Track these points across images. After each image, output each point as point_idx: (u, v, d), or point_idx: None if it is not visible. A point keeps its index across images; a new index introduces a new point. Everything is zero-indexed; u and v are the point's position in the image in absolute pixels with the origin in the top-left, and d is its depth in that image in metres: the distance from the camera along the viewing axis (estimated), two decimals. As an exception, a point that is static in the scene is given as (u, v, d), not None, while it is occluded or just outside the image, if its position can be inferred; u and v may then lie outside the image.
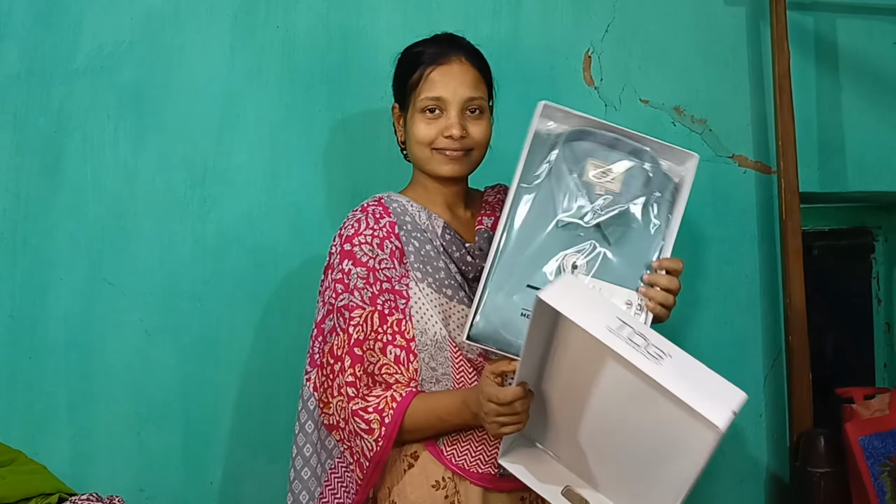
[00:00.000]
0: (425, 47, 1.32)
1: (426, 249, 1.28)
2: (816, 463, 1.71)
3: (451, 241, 1.30)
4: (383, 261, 1.25)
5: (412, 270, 1.26)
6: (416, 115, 1.29)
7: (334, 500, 1.25)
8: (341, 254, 1.26)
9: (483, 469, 1.23)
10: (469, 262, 1.30)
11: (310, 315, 1.63)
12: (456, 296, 1.26)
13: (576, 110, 1.23)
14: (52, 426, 1.61)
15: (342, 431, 1.22)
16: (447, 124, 1.28)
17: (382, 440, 1.18)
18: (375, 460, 1.20)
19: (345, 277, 1.24)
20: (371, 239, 1.26)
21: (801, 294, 1.77)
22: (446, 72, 1.29)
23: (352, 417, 1.20)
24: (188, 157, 1.66)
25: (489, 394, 1.11)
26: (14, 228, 1.61)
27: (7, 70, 1.61)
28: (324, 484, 1.26)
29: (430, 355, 1.23)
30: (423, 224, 1.30)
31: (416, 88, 1.29)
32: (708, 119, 1.83)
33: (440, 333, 1.23)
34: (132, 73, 1.65)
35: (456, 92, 1.28)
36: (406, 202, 1.32)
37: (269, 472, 1.67)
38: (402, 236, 1.28)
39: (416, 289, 1.25)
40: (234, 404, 1.66)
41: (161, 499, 1.63)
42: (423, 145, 1.30)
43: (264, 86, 1.69)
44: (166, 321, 1.64)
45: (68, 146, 1.63)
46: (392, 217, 1.29)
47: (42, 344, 1.61)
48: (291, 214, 1.69)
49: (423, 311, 1.24)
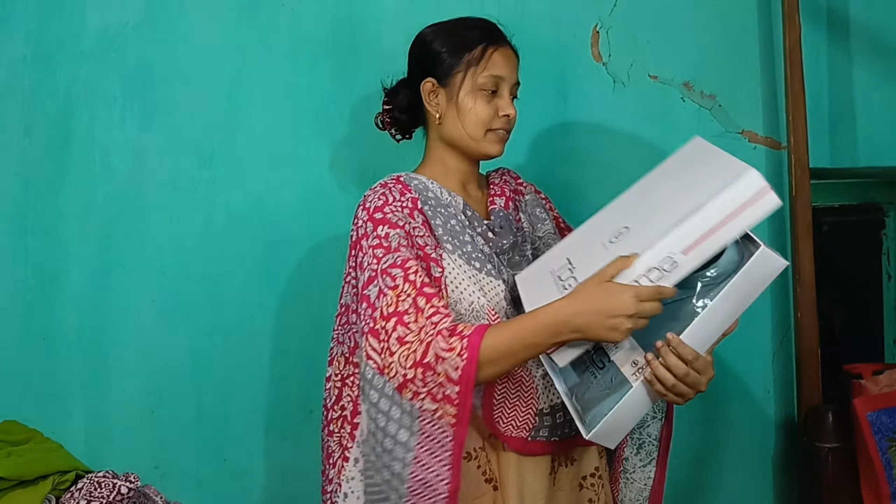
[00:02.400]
0: (475, 27, 1.32)
1: (451, 224, 1.28)
2: (824, 438, 1.71)
3: (473, 217, 1.32)
4: (416, 228, 1.25)
5: (442, 243, 1.26)
6: (476, 93, 1.29)
7: (433, 459, 1.14)
8: (374, 221, 1.24)
9: (516, 433, 1.24)
10: (491, 238, 1.31)
11: (319, 294, 1.66)
12: (484, 268, 1.26)
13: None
14: (67, 406, 1.64)
15: (414, 381, 1.12)
16: (502, 104, 1.31)
17: (467, 351, 1.09)
18: (465, 378, 1.09)
19: (383, 241, 1.22)
20: (401, 208, 1.26)
21: (811, 270, 1.77)
22: (505, 53, 1.32)
23: (429, 344, 1.11)
24: (196, 139, 1.66)
25: (643, 293, 1.07)
26: (25, 211, 1.62)
27: (14, 52, 1.61)
28: (415, 447, 1.14)
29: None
30: (446, 200, 1.31)
31: (476, 65, 1.29)
32: (717, 94, 1.81)
33: (477, 303, 1.22)
34: (138, 55, 1.65)
35: (511, 74, 1.32)
36: (426, 180, 1.33)
37: (280, 450, 1.69)
38: (426, 211, 1.28)
39: (448, 259, 1.25)
40: (246, 383, 1.68)
41: (175, 476, 1.65)
42: (482, 125, 1.30)
43: (271, 66, 1.68)
44: (178, 302, 1.66)
45: (76, 128, 1.63)
46: (414, 193, 1.29)
47: (55, 324, 1.63)
48: (299, 194, 1.69)
49: (458, 281, 1.24)
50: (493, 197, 1.38)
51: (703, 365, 1.12)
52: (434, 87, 1.32)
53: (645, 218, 1.16)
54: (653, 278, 1.09)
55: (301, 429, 1.68)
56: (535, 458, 1.27)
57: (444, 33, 1.33)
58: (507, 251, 1.31)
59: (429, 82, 1.33)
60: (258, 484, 1.69)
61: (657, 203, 1.18)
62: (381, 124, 1.43)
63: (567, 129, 1.76)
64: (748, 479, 1.82)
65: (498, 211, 1.35)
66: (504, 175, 1.44)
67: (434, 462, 1.13)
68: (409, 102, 1.37)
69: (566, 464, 1.31)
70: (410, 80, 1.37)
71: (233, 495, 1.68)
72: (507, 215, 1.36)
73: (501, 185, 1.41)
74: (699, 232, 1.08)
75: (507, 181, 1.43)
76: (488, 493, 1.25)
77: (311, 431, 1.67)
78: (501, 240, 1.31)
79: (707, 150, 1.22)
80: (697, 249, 1.08)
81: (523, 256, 1.34)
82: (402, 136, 1.44)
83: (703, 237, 1.08)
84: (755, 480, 1.83)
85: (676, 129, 1.78)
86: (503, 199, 1.37)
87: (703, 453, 1.82)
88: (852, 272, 2.01)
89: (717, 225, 1.08)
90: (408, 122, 1.41)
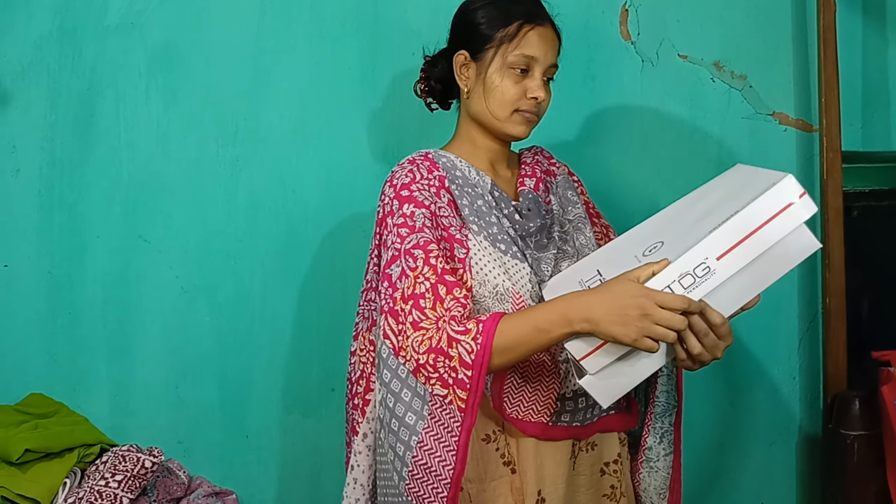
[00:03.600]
0: (517, 2, 1.28)
1: (478, 204, 1.27)
2: (850, 425, 1.69)
3: (500, 198, 1.29)
4: (442, 208, 1.24)
5: (468, 223, 1.25)
6: (505, 71, 1.26)
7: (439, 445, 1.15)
8: (399, 199, 1.23)
9: (536, 418, 1.23)
10: (517, 221, 1.29)
11: (341, 271, 1.66)
12: (509, 250, 1.25)
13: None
14: (93, 380, 1.65)
15: (426, 367, 1.11)
16: (532, 86, 1.27)
17: (482, 336, 1.08)
18: (478, 363, 1.08)
19: (408, 220, 1.20)
20: (428, 187, 1.24)
21: (841, 255, 1.74)
22: (542, 34, 1.27)
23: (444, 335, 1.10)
24: (219, 116, 1.66)
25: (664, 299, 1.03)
26: (50, 186, 1.63)
27: (40, 29, 1.61)
28: (422, 431, 1.14)
29: (486, 308, 1.21)
30: (474, 180, 1.29)
31: (509, 42, 1.26)
32: (748, 75, 1.78)
33: (502, 286, 1.21)
34: (163, 31, 1.64)
35: (546, 56, 1.27)
36: (454, 158, 1.31)
37: (302, 427, 1.70)
38: (453, 190, 1.26)
39: (474, 241, 1.23)
40: (268, 360, 1.68)
41: (198, 451, 1.67)
42: (507, 104, 1.27)
43: (294, 42, 1.67)
44: (201, 278, 1.66)
45: (101, 104, 1.64)
46: (442, 171, 1.27)
47: (80, 300, 1.64)
48: (322, 172, 1.69)
49: (483, 262, 1.22)
50: (523, 178, 1.35)
51: (726, 331, 1.08)
52: (466, 59, 1.30)
53: (680, 233, 1.13)
54: (685, 284, 1.05)
55: (322, 406, 1.69)
56: (556, 442, 1.26)
57: (484, 5, 1.29)
58: (534, 234, 1.30)
59: (461, 55, 1.30)
60: (280, 460, 1.70)
61: (693, 219, 1.14)
62: (419, 91, 1.41)
63: (594, 108, 1.74)
64: (772, 464, 1.81)
65: (527, 192, 1.33)
66: (537, 154, 1.42)
67: (440, 447, 1.13)
68: (445, 72, 1.35)
69: (587, 449, 1.30)
70: (448, 50, 1.35)
71: (254, 471, 1.69)
72: (536, 197, 1.34)
73: (533, 166, 1.38)
74: (734, 237, 1.05)
75: (539, 161, 1.41)
76: (506, 475, 1.24)
77: (332, 409, 1.68)
78: (529, 222, 1.29)
79: (748, 172, 1.19)
80: (732, 255, 1.05)
81: (550, 239, 1.32)
82: (438, 106, 1.41)
83: (739, 243, 1.05)
84: (779, 466, 1.81)
85: (706, 109, 1.75)
86: (533, 181, 1.35)
87: (727, 438, 1.80)
88: (882, 258, 1.97)
89: (752, 230, 1.05)
90: (443, 93, 1.38)
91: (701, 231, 1.07)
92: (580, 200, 1.42)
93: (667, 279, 1.05)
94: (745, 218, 1.05)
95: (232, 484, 1.64)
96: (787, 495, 1.81)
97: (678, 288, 1.05)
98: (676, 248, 1.08)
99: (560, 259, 1.32)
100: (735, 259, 1.05)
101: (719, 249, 1.05)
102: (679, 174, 1.76)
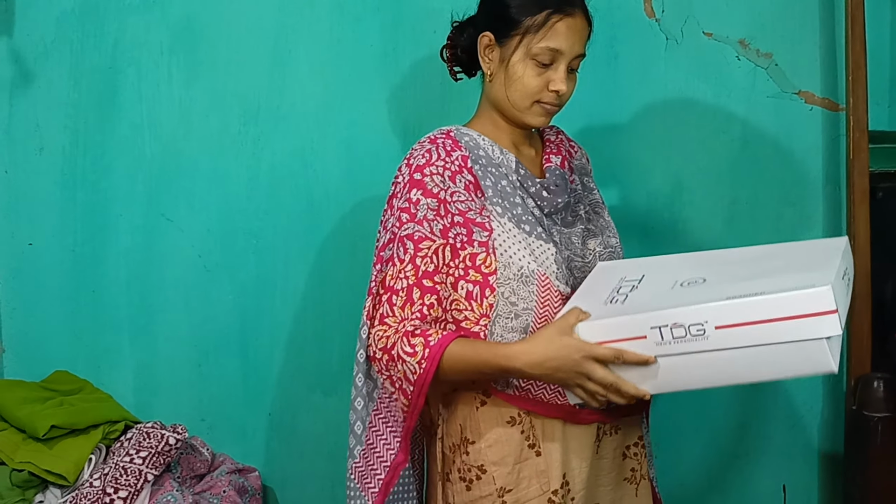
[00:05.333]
0: None
1: (502, 185, 1.25)
2: (874, 407, 1.68)
3: (526, 177, 1.27)
4: (455, 193, 1.22)
5: (491, 205, 1.23)
6: (528, 62, 1.23)
7: (385, 427, 1.24)
8: (410, 182, 1.22)
9: (562, 401, 1.23)
10: (545, 198, 1.27)
11: (363, 250, 1.65)
12: (534, 231, 1.23)
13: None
14: (116, 358, 1.67)
15: (379, 362, 1.17)
16: (554, 78, 1.23)
17: (426, 361, 1.12)
18: (419, 383, 1.14)
19: (412, 207, 1.20)
20: (443, 171, 1.22)
21: (867, 237, 1.71)
22: (571, 24, 1.22)
23: (401, 339, 1.15)
24: (241, 94, 1.66)
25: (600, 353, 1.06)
26: (74, 164, 1.64)
27: (62, 6, 1.62)
28: (373, 412, 1.24)
29: (511, 290, 1.20)
30: (497, 159, 1.27)
31: (536, 32, 1.21)
32: (774, 53, 1.75)
33: (528, 268, 1.20)
34: (184, 8, 1.64)
35: (573, 47, 1.23)
36: (477, 136, 1.28)
37: (323, 405, 1.71)
38: (476, 171, 1.24)
39: (497, 222, 1.22)
40: (290, 338, 1.69)
41: (221, 428, 1.68)
42: (528, 96, 1.24)
43: (315, 20, 1.66)
44: (223, 257, 1.67)
45: (123, 82, 1.64)
46: (464, 150, 1.25)
47: (104, 278, 1.65)
48: (343, 150, 1.68)
49: (507, 244, 1.21)
50: (549, 155, 1.34)
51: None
52: (491, 42, 1.26)
53: (722, 280, 1.09)
54: (675, 335, 1.02)
55: (344, 384, 1.66)
56: (581, 426, 1.25)
57: None
58: (560, 210, 1.29)
59: (486, 36, 1.26)
60: (302, 438, 1.71)
61: (740, 274, 1.09)
62: (445, 57, 1.37)
63: (618, 87, 1.72)
64: (794, 446, 1.80)
65: (554, 169, 1.31)
66: (559, 133, 1.40)
67: (387, 431, 1.22)
68: (470, 44, 1.31)
69: (611, 433, 1.29)
70: (476, 23, 1.31)
71: (277, 448, 1.71)
72: (563, 174, 1.32)
73: (557, 144, 1.37)
74: (743, 317, 1.00)
75: (561, 140, 1.39)
76: (531, 458, 1.24)
77: (353, 387, 1.69)
78: (556, 198, 1.28)
79: (826, 252, 1.11)
80: (731, 332, 1.00)
81: (576, 216, 1.31)
82: (463, 74, 1.38)
83: (744, 324, 1.00)
84: (801, 448, 1.80)
85: (731, 88, 1.73)
86: (559, 158, 1.33)
87: (749, 419, 1.80)
88: (907, 240, 1.95)
89: (762, 320, 0.99)
90: (468, 63, 1.35)
91: (728, 291, 1.03)
92: (595, 187, 1.41)
93: (662, 320, 1.03)
94: (763, 304, 0.99)
95: (254, 461, 1.66)
96: (808, 477, 1.80)
97: (668, 334, 1.03)
98: (706, 294, 1.05)
99: (587, 237, 1.31)
100: (732, 337, 1.00)
101: (722, 320, 1.00)
102: (703, 153, 1.74)
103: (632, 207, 1.72)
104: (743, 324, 0.99)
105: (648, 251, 1.43)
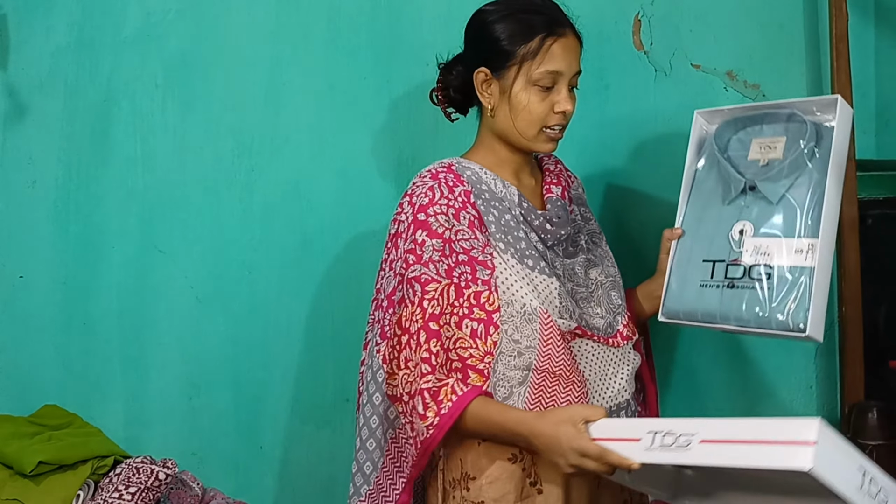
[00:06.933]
0: (536, 12, 1.24)
1: (505, 219, 1.24)
2: (868, 435, 1.67)
3: (529, 210, 1.27)
4: (459, 231, 1.21)
5: (494, 241, 1.23)
6: (531, 88, 1.23)
7: (394, 468, 1.24)
8: (414, 224, 1.21)
9: None
10: (548, 230, 1.27)
11: (357, 281, 1.66)
12: (537, 266, 1.23)
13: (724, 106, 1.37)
14: (107, 391, 1.65)
15: (405, 405, 1.19)
16: (558, 99, 1.24)
17: (434, 430, 1.15)
18: (425, 446, 1.17)
19: (417, 248, 1.20)
20: (447, 209, 1.21)
21: (857, 264, 1.73)
22: (565, 44, 1.24)
23: (416, 395, 1.16)
24: (235, 126, 1.67)
25: (589, 449, 1.08)
26: (66, 197, 1.64)
27: (57, 40, 1.63)
28: (385, 454, 1.24)
29: (514, 327, 1.20)
30: (500, 193, 1.27)
31: (533, 58, 1.22)
32: (761, 84, 1.78)
33: (530, 305, 1.20)
34: (179, 42, 1.66)
35: (570, 66, 1.25)
36: (479, 169, 1.28)
37: (317, 438, 1.69)
38: (479, 206, 1.24)
39: (500, 259, 1.22)
40: (283, 371, 1.68)
41: (212, 462, 1.66)
42: (534, 123, 1.25)
43: (309, 53, 1.68)
44: (216, 289, 1.66)
45: (118, 115, 1.65)
46: (467, 185, 1.24)
47: (95, 311, 1.64)
48: (337, 183, 1.69)
49: (510, 282, 1.21)
50: (550, 185, 1.34)
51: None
52: (487, 76, 1.26)
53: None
54: (666, 442, 1.03)
55: (337, 417, 1.68)
56: None
57: (503, 17, 1.25)
58: (563, 242, 1.29)
59: (482, 72, 1.26)
60: (294, 471, 1.69)
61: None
62: (435, 100, 1.38)
63: (608, 118, 1.74)
64: (790, 475, 1.79)
65: (555, 200, 1.31)
66: (558, 163, 1.41)
67: (394, 472, 1.24)
68: (462, 82, 1.32)
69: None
70: (465, 61, 1.31)
71: (269, 482, 1.69)
72: (564, 205, 1.32)
73: (557, 174, 1.37)
74: (728, 434, 1.00)
75: (560, 170, 1.40)
76: (532, 496, 1.23)
77: (347, 420, 1.67)
78: (559, 230, 1.28)
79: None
80: (714, 448, 1.00)
81: (577, 246, 1.32)
82: (456, 113, 1.39)
83: (728, 441, 1.00)
84: (797, 477, 1.79)
85: (719, 118, 1.75)
86: (559, 188, 1.33)
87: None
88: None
89: (747, 440, 0.99)
90: (462, 102, 1.35)
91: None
92: (592, 217, 1.42)
93: (660, 426, 1.05)
94: (751, 426, 0.99)
95: (246, 496, 1.63)
96: (805, 507, 1.79)
97: (658, 440, 1.04)
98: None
99: (588, 267, 1.31)
100: (713, 453, 1.00)
101: (708, 435, 1.01)
102: (693, 183, 1.76)
103: (624, 237, 1.73)
104: (728, 441, 1.00)
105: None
